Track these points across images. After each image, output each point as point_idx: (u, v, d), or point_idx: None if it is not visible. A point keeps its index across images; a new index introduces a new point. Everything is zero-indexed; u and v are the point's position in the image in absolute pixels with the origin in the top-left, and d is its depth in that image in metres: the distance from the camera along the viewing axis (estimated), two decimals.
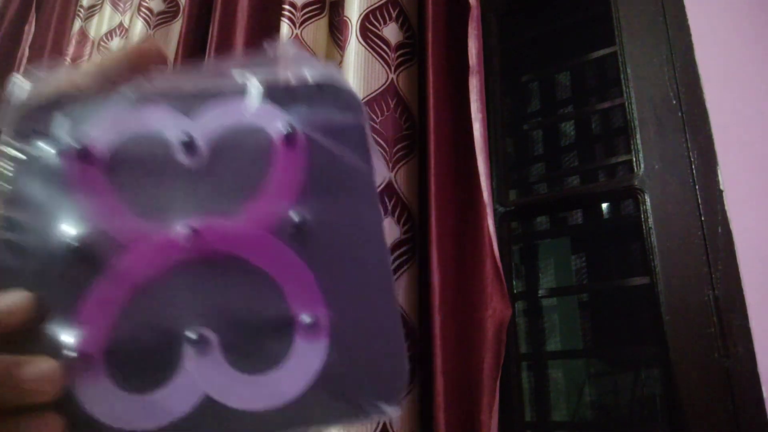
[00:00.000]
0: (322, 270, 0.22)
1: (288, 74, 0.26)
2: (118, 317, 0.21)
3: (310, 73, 0.26)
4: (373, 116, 0.86)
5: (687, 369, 0.70)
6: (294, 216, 0.23)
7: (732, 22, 0.78)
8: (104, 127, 0.24)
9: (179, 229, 0.22)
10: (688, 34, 0.80)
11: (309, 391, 0.21)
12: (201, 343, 0.21)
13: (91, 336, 0.21)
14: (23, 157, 0.23)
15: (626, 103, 0.84)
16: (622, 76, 0.86)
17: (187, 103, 0.25)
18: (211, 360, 0.21)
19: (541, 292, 0.99)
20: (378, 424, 0.72)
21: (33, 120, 0.24)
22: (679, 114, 0.78)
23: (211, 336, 0.21)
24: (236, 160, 0.24)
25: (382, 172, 0.26)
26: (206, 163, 0.24)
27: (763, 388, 0.64)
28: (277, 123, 0.24)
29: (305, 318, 0.22)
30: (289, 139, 0.24)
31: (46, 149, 0.24)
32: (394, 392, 0.22)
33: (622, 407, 1.11)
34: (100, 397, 0.21)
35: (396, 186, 0.84)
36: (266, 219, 0.23)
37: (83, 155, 0.23)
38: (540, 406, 0.98)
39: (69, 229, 0.22)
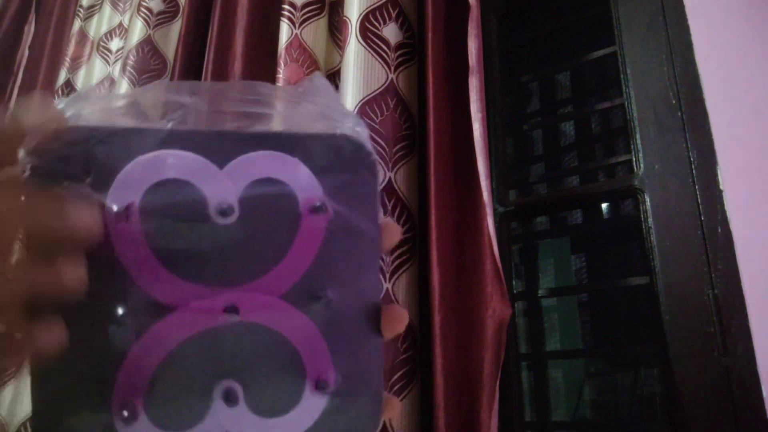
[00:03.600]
0: (332, 336, 0.26)
1: (314, 121, 0.27)
2: (156, 369, 0.24)
3: (339, 118, 0.28)
4: (373, 116, 0.86)
5: (687, 368, 0.70)
6: (312, 287, 0.26)
7: (732, 22, 0.78)
8: (136, 175, 0.24)
9: (220, 302, 0.25)
10: (688, 34, 0.80)
11: (308, 430, 0.26)
12: (230, 395, 0.25)
13: (131, 385, 0.24)
14: None
15: (626, 103, 0.84)
16: (621, 76, 0.86)
17: (220, 150, 0.25)
18: (237, 408, 0.25)
19: (541, 292, 0.99)
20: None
21: (62, 160, 0.23)
22: (679, 114, 0.78)
23: (237, 388, 0.25)
24: (265, 221, 0.26)
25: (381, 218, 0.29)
26: (236, 221, 0.25)
27: (763, 388, 0.64)
28: (308, 191, 0.26)
29: (318, 379, 0.26)
30: (317, 209, 0.26)
31: (77, 191, 0.23)
32: None
33: (622, 407, 1.11)
34: None
35: (396, 186, 0.84)
36: (287, 286, 0.26)
37: (120, 215, 0.24)
38: (540, 406, 0.98)
39: (113, 294, 0.24)
